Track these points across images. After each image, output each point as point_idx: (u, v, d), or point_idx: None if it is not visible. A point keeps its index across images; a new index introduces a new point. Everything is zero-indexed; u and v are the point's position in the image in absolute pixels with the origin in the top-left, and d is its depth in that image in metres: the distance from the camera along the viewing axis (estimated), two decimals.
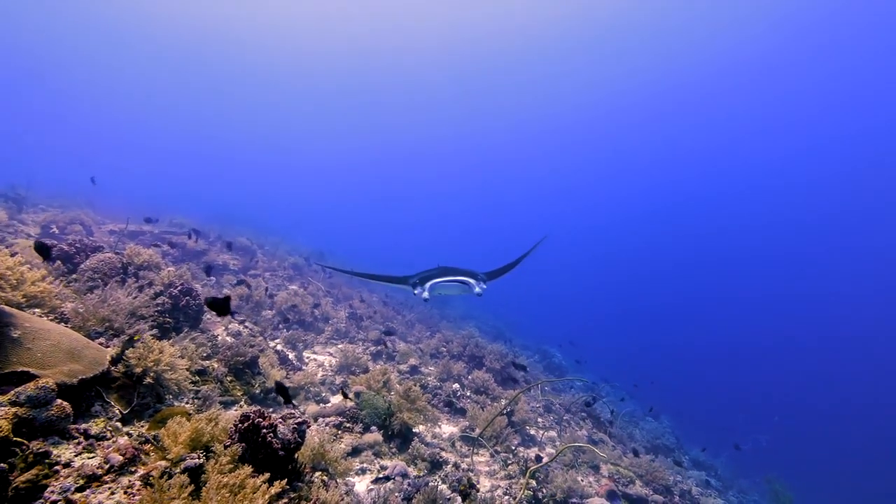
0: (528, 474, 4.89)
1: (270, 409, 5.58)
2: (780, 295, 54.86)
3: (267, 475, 3.12)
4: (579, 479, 7.60)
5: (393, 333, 12.89)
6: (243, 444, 3.74)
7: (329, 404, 6.40)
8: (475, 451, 7.02)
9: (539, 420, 9.81)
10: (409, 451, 6.07)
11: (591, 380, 16.26)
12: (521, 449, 7.92)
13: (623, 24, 45.04)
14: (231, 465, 3.30)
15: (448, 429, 7.75)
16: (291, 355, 8.35)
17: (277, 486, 3.05)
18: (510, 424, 7.91)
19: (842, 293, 52.40)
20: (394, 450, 6.08)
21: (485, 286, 5.04)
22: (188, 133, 69.15)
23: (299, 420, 4.07)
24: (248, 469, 3.07)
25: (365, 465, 5.47)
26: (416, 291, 5.02)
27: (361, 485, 5.13)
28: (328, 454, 4.25)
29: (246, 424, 3.81)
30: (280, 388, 4.63)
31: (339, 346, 9.82)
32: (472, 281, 4.91)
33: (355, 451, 5.64)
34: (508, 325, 21.71)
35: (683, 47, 46.78)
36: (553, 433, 9.42)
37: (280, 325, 9.91)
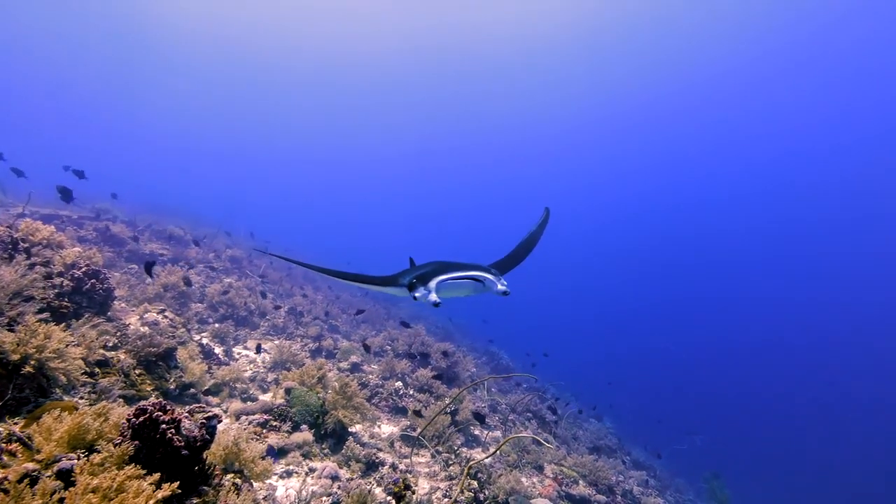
0: (465, 472, 4.55)
1: (187, 408, 4.97)
2: (730, 300, 57.17)
3: (156, 476, 2.61)
4: (523, 479, 7.38)
5: (336, 331, 12.32)
6: (137, 442, 3.19)
7: (256, 402, 5.82)
8: (416, 451, 6.64)
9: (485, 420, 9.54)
10: (343, 451, 5.61)
11: (540, 381, 16.26)
12: (465, 449, 7.60)
13: (624, 25, 45.48)
14: (116, 466, 2.77)
15: (389, 429, 7.32)
16: (219, 350, 7.65)
17: (167, 489, 2.54)
18: (453, 424, 7.59)
19: (786, 298, 55.19)
20: (326, 450, 5.59)
21: (506, 283, 3.79)
22: (123, 114, 64.54)
23: (209, 414, 3.54)
24: (130, 469, 2.55)
25: (291, 467, 4.96)
26: (416, 295, 3.57)
27: (285, 489, 4.62)
28: (244, 454, 3.74)
29: (142, 419, 3.24)
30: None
31: (275, 342, 9.16)
32: (490, 277, 3.60)
33: (281, 452, 5.12)
34: (458, 328, 21.45)
35: (682, 51, 47.73)
36: (498, 433, 9.19)
37: (209, 319, 9.13)
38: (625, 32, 46.99)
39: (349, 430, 6.14)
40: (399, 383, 8.70)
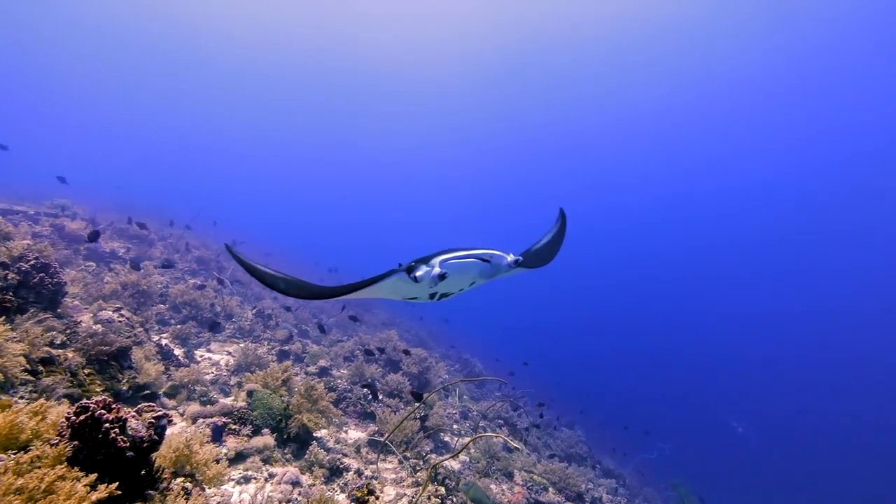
0: (429, 472, 4.42)
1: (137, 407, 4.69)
2: (701, 309, 58.21)
3: (92, 477, 2.41)
4: (492, 486, 7.28)
5: (306, 336, 12.03)
6: (76, 443, 2.97)
7: (215, 405, 5.56)
8: (383, 457, 6.45)
9: (455, 426, 9.41)
10: (307, 457, 5.39)
11: (516, 388, 16.20)
12: (434, 456, 7.45)
13: (628, 29, 45.41)
14: (50, 467, 2.55)
15: (356, 434, 7.11)
16: (179, 351, 7.32)
17: (103, 491, 2.34)
18: (423, 430, 7.43)
19: (757, 308, 56.32)
20: (288, 455, 5.37)
21: (521, 260, 3.33)
22: (92, 110, 62.39)
23: (158, 414, 3.33)
24: (62, 469, 2.34)
25: (250, 472, 4.73)
26: (417, 275, 3.12)
27: (241, 494, 4.39)
28: (195, 456, 3.53)
29: (83, 417, 3.02)
30: None
31: (241, 345, 8.84)
32: (496, 253, 3.19)
33: (240, 457, 4.88)
34: (431, 335, 21.29)
35: (682, 57, 47.86)
36: (468, 440, 9.06)
37: (171, 320, 8.76)
38: (626, 41, 46.95)
39: (314, 434, 5.92)
40: (368, 388, 8.50)
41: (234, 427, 5.14)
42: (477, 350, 20.92)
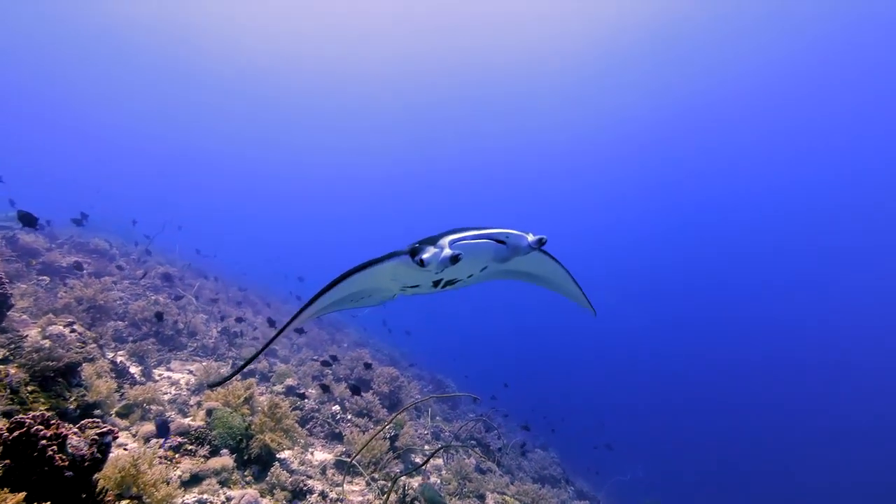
0: (391, 487, 4.24)
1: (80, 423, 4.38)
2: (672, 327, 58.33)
3: (19, 496, 2.20)
4: None
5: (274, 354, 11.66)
6: (8, 461, 2.74)
7: (171, 424, 5.26)
8: (350, 478, 6.21)
9: (426, 447, 9.17)
10: (268, 479, 5.13)
11: (488, 407, 16.00)
12: (404, 478, 7.22)
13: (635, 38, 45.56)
14: None
15: (322, 455, 6.84)
16: (135, 369, 6.96)
17: None
18: (392, 450, 7.21)
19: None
20: (248, 478, 5.10)
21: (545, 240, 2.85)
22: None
23: (103, 430, 3.11)
24: None
25: (205, 495, 4.45)
26: (424, 257, 2.62)
27: None
28: (143, 476, 3.29)
29: (16, 434, 2.80)
30: None
31: (203, 364, 8.48)
32: (514, 232, 2.74)
33: (195, 479, 4.60)
34: (404, 355, 20.98)
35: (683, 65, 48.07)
36: (440, 461, 8.84)
37: (129, 337, 8.35)
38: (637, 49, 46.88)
39: (277, 455, 5.66)
40: (337, 407, 8.23)
41: (190, 447, 4.86)
42: (445, 366, 20.72)
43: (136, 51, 51.47)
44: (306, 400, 8.41)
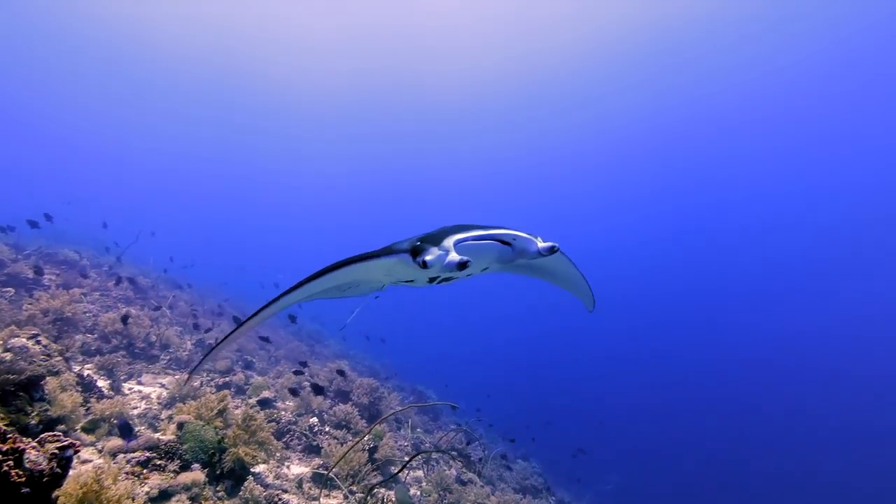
0: (368, 494, 4.17)
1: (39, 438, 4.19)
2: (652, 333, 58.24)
3: None
4: None
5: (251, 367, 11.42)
6: None
7: (139, 438, 5.09)
8: (327, 492, 6.07)
9: (406, 458, 9.05)
10: (241, 494, 4.98)
11: (471, 418, 15.91)
12: (382, 490, 7.09)
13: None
14: None
15: (299, 469, 6.68)
16: (104, 383, 6.72)
17: None
18: (371, 461, 7.09)
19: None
20: (221, 493, 4.94)
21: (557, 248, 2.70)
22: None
23: (64, 444, 2.98)
24: None
25: None
26: (427, 258, 2.43)
27: None
28: (107, 492, 3.16)
29: None
30: None
31: (176, 377, 8.25)
32: (522, 234, 2.60)
33: (164, 495, 4.43)
34: (385, 367, 20.77)
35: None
36: (420, 473, 8.73)
37: (98, 350, 8.08)
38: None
39: (251, 469, 5.51)
40: (314, 419, 8.08)
41: (159, 462, 4.69)
42: (427, 378, 20.60)
43: (102, 53, 50.34)
44: (283, 412, 8.23)
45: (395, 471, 5.96)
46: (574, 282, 3.89)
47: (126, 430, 5.01)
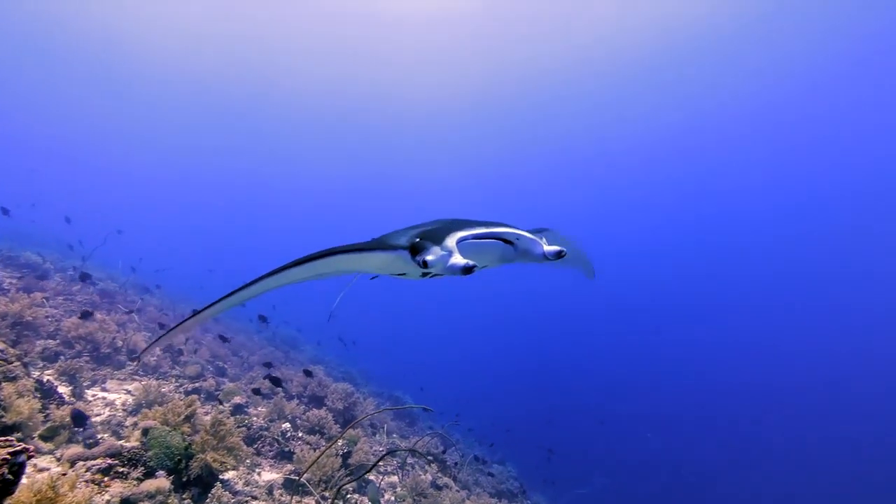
0: (336, 493, 4.11)
1: None
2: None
3: None
4: None
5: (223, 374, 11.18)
6: None
7: (101, 445, 4.91)
8: (299, 498, 5.96)
9: (381, 465, 8.96)
10: (209, 501, 4.86)
11: (449, 421, 15.85)
12: (356, 496, 7.01)
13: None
14: None
15: (270, 476, 6.55)
16: (65, 389, 6.47)
17: None
18: (345, 467, 7.00)
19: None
20: (187, 500, 4.81)
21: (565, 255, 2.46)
22: None
23: (16, 448, 2.86)
24: None
25: None
26: (428, 258, 2.24)
27: None
28: (62, 500, 3.04)
29: None
30: None
31: (143, 383, 8.00)
32: (527, 235, 2.44)
33: None
34: (361, 372, 20.58)
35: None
36: (395, 478, 8.65)
37: (60, 356, 7.79)
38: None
39: (220, 476, 5.38)
40: (287, 424, 7.94)
41: (121, 469, 4.53)
42: (404, 384, 20.52)
43: (63, 53, 48.73)
44: (255, 418, 8.07)
45: (366, 470, 5.91)
46: (573, 254, 3.71)
47: (80, 420, 4.84)
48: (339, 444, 7.48)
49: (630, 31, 42.32)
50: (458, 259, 2.20)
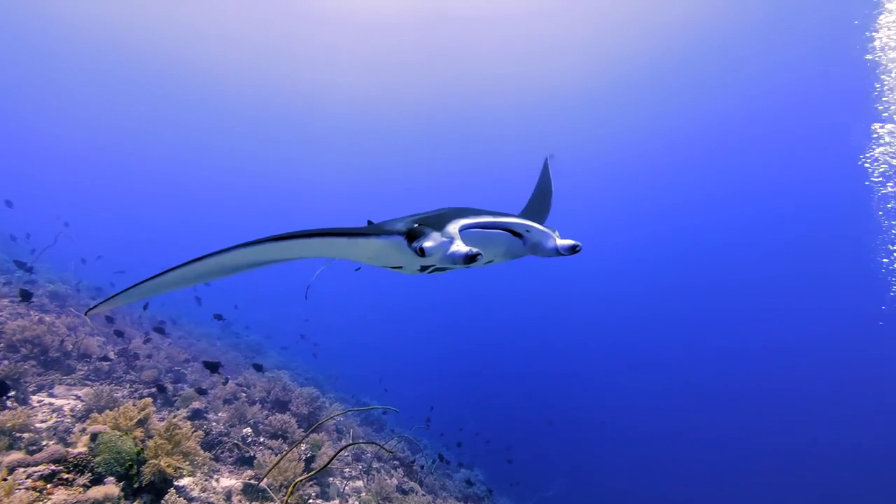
0: (290, 490, 4.02)
1: None
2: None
3: None
4: None
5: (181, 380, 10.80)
6: None
7: (44, 451, 4.65)
8: None
9: (346, 469, 8.82)
10: None
11: (417, 426, 15.74)
12: (320, 501, 6.87)
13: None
14: None
15: (229, 482, 6.34)
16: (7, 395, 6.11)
17: None
18: (307, 472, 6.84)
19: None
20: None
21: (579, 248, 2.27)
22: None
23: None
24: None
25: None
26: (426, 245, 2.00)
27: None
28: None
29: None
30: None
31: (94, 388, 7.64)
32: (537, 227, 2.22)
33: None
34: (329, 378, 20.23)
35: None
36: (360, 483, 8.53)
37: (3, 360, 7.35)
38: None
39: (175, 482, 5.17)
40: (248, 429, 7.72)
41: (66, 476, 4.30)
42: (372, 390, 20.32)
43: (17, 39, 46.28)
44: (215, 423, 7.81)
45: (324, 465, 5.85)
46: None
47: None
48: (303, 448, 7.33)
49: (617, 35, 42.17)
50: (460, 246, 2.00)
